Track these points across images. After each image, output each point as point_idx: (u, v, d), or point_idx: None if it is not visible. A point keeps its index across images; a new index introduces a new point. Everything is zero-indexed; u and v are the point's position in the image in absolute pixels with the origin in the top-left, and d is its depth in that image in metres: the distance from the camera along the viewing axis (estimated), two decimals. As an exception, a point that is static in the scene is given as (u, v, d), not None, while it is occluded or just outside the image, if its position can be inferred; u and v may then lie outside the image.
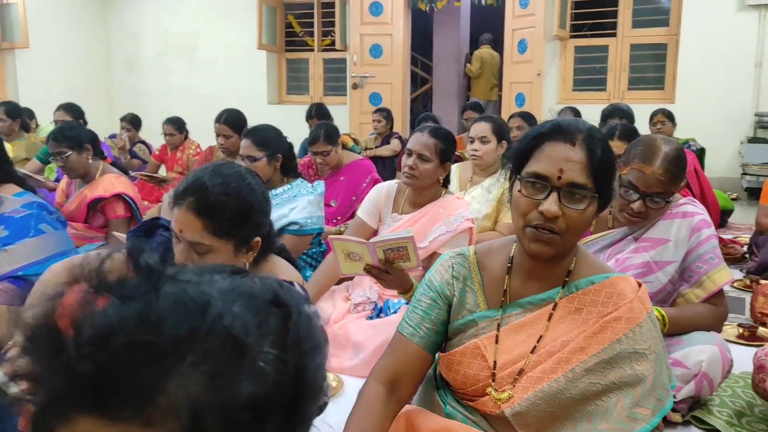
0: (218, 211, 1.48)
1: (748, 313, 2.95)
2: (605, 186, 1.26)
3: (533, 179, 1.25)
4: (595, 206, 1.27)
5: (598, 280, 1.31)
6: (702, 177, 4.05)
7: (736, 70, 6.56)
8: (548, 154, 1.25)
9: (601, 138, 1.27)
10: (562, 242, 1.26)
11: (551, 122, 1.30)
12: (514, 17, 7.43)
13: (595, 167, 1.23)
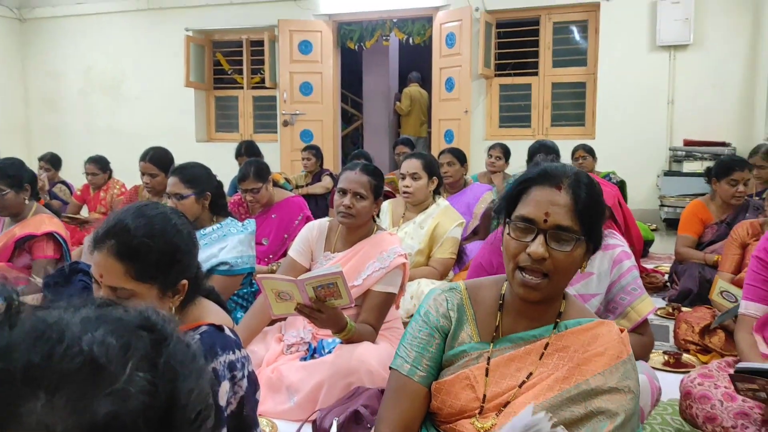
0: (142, 255, 1.41)
1: (672, 340, 3.05)
2: (593, 228, 1.31)
3: (521, 222, 1.30)
4: (583, 249, 1.31)
5: (586, 322, 1.36)
6: (625, 209, 4.18)
7: (650, 106, 6.91)
8: (534, 198, 1.30)
9: (587, 182, 1.32)
10: (550, 284, 1.30)
11: (538, 168, 1.36)
12: (441, 56, 7.62)
13: (581, 210, 1.28)
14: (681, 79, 6.80)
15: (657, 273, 4.28)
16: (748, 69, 6.61)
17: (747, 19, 6.55)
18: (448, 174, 4.56)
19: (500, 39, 7.67)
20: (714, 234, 3.86)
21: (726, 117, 6.71)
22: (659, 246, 5.49)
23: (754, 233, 3.17)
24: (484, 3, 7.34)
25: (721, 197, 3.86)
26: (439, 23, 7.59)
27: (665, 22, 6.69)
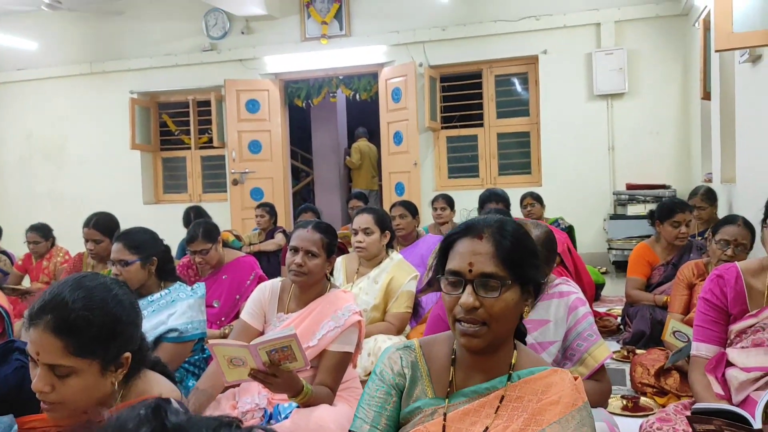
0: (80, 329, 1.35)
1: (629, 383, 3.06)
2: (524, 271, 1.33)
3: (450, 276, 1.33)
4: (516, 292, 1.32)
5: (538, 371, 1.37)
6: (575, 254, 4.26)
7: (592, 153, 7.13)
8: (459, 250, 1.34)
9: (512, 229, 1.35)
10: (491, 332, 1.30)
11: (463, 223, 1.40)
12: (388, 111, 7.75)
13: (504, 255, 1.31)
14: (619, 126, 7.06)
15: (610, 316, 4.33)
16: (682, 114, 6.92)
17: (677, 68, 6.89)
18: (401, 227, 4.58)
19: (445, 92, 7.86)
20: (661, 275, 3.94)
21: (664, 161, 6.98)
22: (610, 289, 5.58)
23: (699, 273, 3.25)
24: (428, 58, 7.54)
25: (665, 239, 3.96)
26: (384, 79, 7.75)
27: (601, 72, 6.97)
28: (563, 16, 7.12)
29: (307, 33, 7.91)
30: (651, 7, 6.88)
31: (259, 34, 8.12)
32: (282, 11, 7.97)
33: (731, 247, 3.04)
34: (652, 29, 6.93)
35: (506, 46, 7.36)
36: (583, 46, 7.10)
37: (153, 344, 2.65)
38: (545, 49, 7.22)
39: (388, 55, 7.75)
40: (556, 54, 7.19)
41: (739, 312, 2.06)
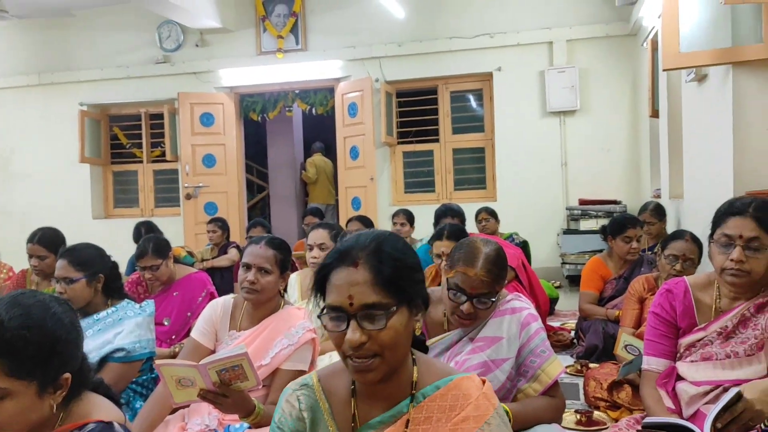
0: (17, 348, 1.28)
1: (583, 398, 3.08)
2: (409, 290, 1.24)
3: (331, 312, 1.23)
4: (404, 315, 1.23)
5: (443, 384, 1.29)
6: (529, 270, 4.30)
7: (546, 169, 7.25)
8: (335, 283, 1.23)
9: (389, 249, 1.24)
10: (385, 362, 1.21)
11: (334, 249, 1.28)
12: (344, 125, 7.74)
13: (385, 281, 1.21)
14: (572, 143, 7.20)
15: (563, 330, 4.38)
16: (632, 132, 7.10)
17: (627, 86, 7.08)
18: (357, 242, 4.54)
19: (401, 108, 7.90)
20: (613, 289, 4.01)
21: (615, 176, 7.14)
22: (564, 303, 5.65)
23: (649, 288, 3.31)
24: (384, 74, 7.57)
25: (617, 254, 4.03)
26: (340, 94, 7.74)
27: (553, 90, 7.11)
28: (517, 34, 7.25)
29: (263, 47, 7.87)
30: (601, 27, 7.06)
31: (214, 47, 8.04)
32: (237, 24, 7.91)
33: (680, 262, 3.11)
34: (602, 48, 7.11)
35: (461, 62, 7.45)
36: (537, 64, 7.23)
37: (99, 364, 2.56)
38: (499, 66, 7.33)
39: (344, 70, 7.75)
40: (510, 71, 7.31)
41: (688, 326, 2.09)
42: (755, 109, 3.43)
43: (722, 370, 1.98)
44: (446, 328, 2.20)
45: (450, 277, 2.06)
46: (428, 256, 4.45)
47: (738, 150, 3.48)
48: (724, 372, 1.98)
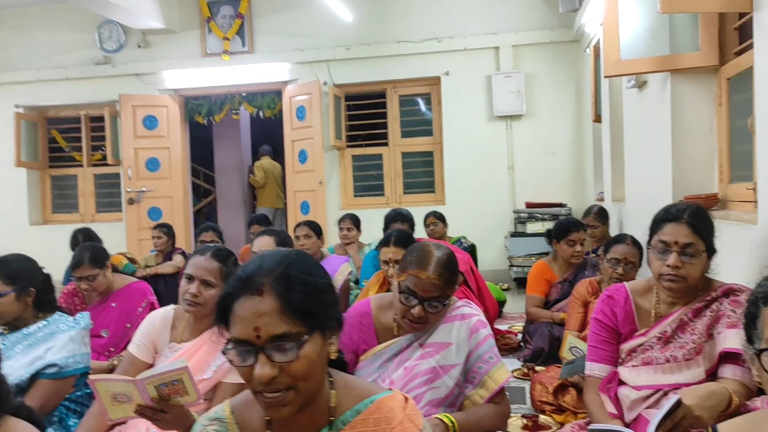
0: None
1: (529, 402, 3.10)
2: (323, 315, 1.16)
3: (238, 346, 1.12)
4: (318, 341, 1.15)
5: (364, 408, 1.22)
6: (477, 274, 4.31)
7: (493, 172, 7.34)
8: (239, 314, 1.12)
9: (297, 272, 1.16)
10: (300, 394, 1.13)
11: (236, 276, 1.18)
12: (292, 129, 7.66)
13: (294, 308, 1.12)
14: (518, 147, 7.30)
15: (511, 334, 4.41)
16: (576, 136, 7.24)
17: (571, 91, 7.22)
18: (305, 247, 4.50)
19: (350, 111, 7.87)
20: (559, 292, 4.06)
21: (560, 180, 7.27)
22: (512, 305, 5.70)
23: (593, 291, 3.36)
24: (332, 77, 7.53)
25: (562, 257, 4.09)
26: (288, 97, 7.66)
27: (500, 94, 7.20)
28: (464, 39, 7.30)
29: (208, 48, 7.72)
30: (546, 33, 7.18)
31: (157, 48, 7.85)
32: (182, 26, 7.74)
33: (621, 265, 3.16)
34: (547, 54, 7.23)
35: (410, 66, 7.47)
36: (484, 69, 7.31)
37: (29, 381, 2.44)
38: (447, 71, 7.37)
39: (292, 72, 7.68)
40: (457, 75, 7.37)
41: (629, 331, 2.12)
42: (692, 116, 3.52)
43: (662, 374, 2.01)
44: (396, 333, 2.17)
45: (401, 281, 2.04)
46: (377, 262, 4.43)
47: (676, 155, 3.57)
48: (664, 376, 2.01)
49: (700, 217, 2.01)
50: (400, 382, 2.06)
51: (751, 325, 1.11)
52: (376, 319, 2.18)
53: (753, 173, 2.82)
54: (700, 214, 2.01)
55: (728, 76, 3.28)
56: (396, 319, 2.14)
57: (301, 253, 1.25)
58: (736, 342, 1.89)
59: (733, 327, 1.92)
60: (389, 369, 2.11)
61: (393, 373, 2.09)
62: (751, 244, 2.47)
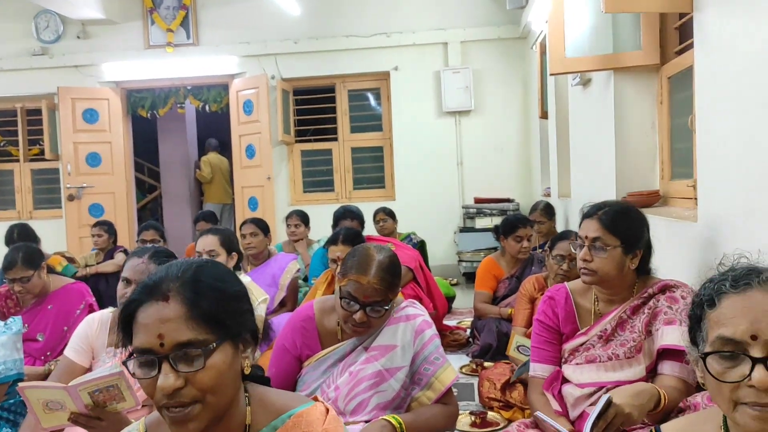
0: None
1: (477, 398, 3.11)
2: (234, 323, 1.09)
3: (140, 356, 1.05)
4: (229, 349, 1.08)
5: (281, 423, 1.16)
6: (426, 272, 4.32)
7: (443, 168, 7.36)
8: (143, 321, 1.05)
9: (208, 277, 1.10)
10: (208, 408, 1.05)
11: (141, 283, 1.11)
12: (239, 123, 7.52)
13: (202, 314, 1.05)
14: (467, 142, 7.34)
15: (459, 329, 4.43)
16: (523, 132, 7.33)
17: (518, 87, 7.29)
18: (252, 245, 4.42)
19: (298, 106, 7.77)
20: (506, 288, 4.09)
21: (508, 176, 7.35)
22: (461, 300, 5.73)
23: (539, 287, 3.39)
24: (280, 71, 7.42)
25: (509, 253, 4.13)
26: (235, 90, 7.52)
27: (449, 90, 7.22)
28: (413, 34, 7.29)
29: (151, 40, 7.50)
30: (493, 29, 7.23)
31: (98, 39, 7.58)
32: (123, 16, 7.49)
33: (566, 262, 3.20)
34: (494, 50, 7.29)
35: (358, 61, 7.42)
36: (432, 64, 7.32)
37: (-44, 391, 2.32)
38: (396, 66, 7.36)
39: (239, 66, 7.53)
40: (406, 71, 7.36)
41: (571, 331, 2.14)
42: (635, 114, 3.59)
43: (605, 372, 2.04)
44: (340, 337, 2.14)
45: (343, 285, 2.00)
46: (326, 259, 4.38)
47: (620, 152, 3.63)
48: (606, 374, 2.03)
49: (616, 213, 2.06)
50: (346, 387, 2.03)
51: (696, 327, 1.11)
52: (320, 324, 2.14)
53: (693, 171, 2.89)
54: (613, 211, 2.06)
55: (669, 75, 3.35)
56: (340, 323, 2.11)
57: (213, 262, 1.20)
58: (673, 338, 1.93)
59: (670, 324, 1.96)
60: (334, 374, 2.07)
61: (338, 379, 2.05)
62: (691, 241, 2.52)
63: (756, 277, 1.05)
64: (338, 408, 2.04)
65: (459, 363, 3.74)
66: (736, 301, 1.04)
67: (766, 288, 1.04)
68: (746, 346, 1.01)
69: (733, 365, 1.02)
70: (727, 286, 1.06)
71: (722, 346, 1.03)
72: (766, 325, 1.00)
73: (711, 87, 2.35)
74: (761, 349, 1.00)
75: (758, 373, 0.98)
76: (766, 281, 1.04)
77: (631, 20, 3.42)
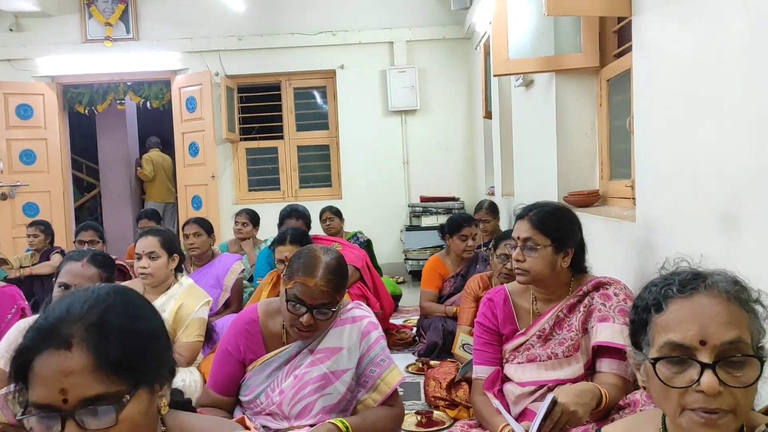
0: None
1: (423, 397, 3.12)
2: (150, 366, 0.99)
3: (36, 410, 0.91)
4: (144, 398, 0.97)
5: None
6: (373, 271, 4.32)
7: (389, 167, 7.38)
8: (41, 373, 0.91)
9: (116, 317, 0.97)
10: None
11: (35, 325, 0.97)
12: (182, 121, 7.36)
13: (113, 363, 0.93)
14: (413, 141, 7.38)
15: (406, 328, 4.45)
16: (468, 132, 7.41)
17: (463, 87, 7.37)
18: (195, 245, 4.34)
19: (243, 103, 7.66)
20: (452, 287, 4.13)
21: (454, 175, 7.43)
22: (408, 298, 5.76)
23: (484, 286, 3.43)
24: (224, 68, 7.29)
25: (454, 252, 4.16)
26: (177, 87, 7.35)
27: (395, 89, 7.24)
28: (359, 33, 7.28)
29: (89, 34, 7.26)
30: (438, 29, 7.28)
31: (32, 32, 7.29)
32: (59, 9, 7.22)
33: (510, 261, 3.24)
34: (440, 50, 7.34)
35: (304, 59, 7.36)
36: (378, 63, 7.32)
37: None
38: (342, 64, 7.33)
39: (181, 62, 7.36)
40: (353, 69, 7.34)
41: (510, 331, 2.18)
42: (575, 115, 3.67)
43: (545, 371, 2.08)
44: (285, 341, 2.10)
45: (289, 288, 1.96)
46: (272, 260, 4.33)
47: (561, 152, 3.71)
48: (547, 373, 2.07)
49: (546, 214, 2.11)
50: (291, 390, 2.00)
51: (641, 331, 1.10)
52: (264, 326, 2.10)
53: (631, 171, 2.97)
54: (543, 212, 2.11)
55: (608, 78, 3.44)
56: (285, 326, 2.08)
57: (123, 292, 1.04)
58: (607, 335, 1.97)
59: (604, 321, 2.00)
60: (279, 378, 2.04)
61: (282, 382, 2.03)
62: (630, 240, 2.59)
63: (702, 282, 1.06)
64: (283, 412, 2.01)
65: (405, 362, 3.75)
66: (684, 305, 1.04)
67: (713, 293, 1.04)
68: (694, 351, 1.01)
69: (681, 370, 1.02)
70: (674, 290, 1.06)
71: (671, 351, 1.03)
72: (714, 330, 1.00)
73: (648, 90, 2.42)
74: (709, 354, 1.00)
75: (707, 379, 0.99)
76: (712, 286, 1.05)
77: (572, 23, 3.50)
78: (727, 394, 0.99)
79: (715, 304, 1.03)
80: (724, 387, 0.99)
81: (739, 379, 1.00)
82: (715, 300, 1.03)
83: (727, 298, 1.04)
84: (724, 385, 0.99)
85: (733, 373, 1.00)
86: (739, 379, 1.00)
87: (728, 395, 0.99)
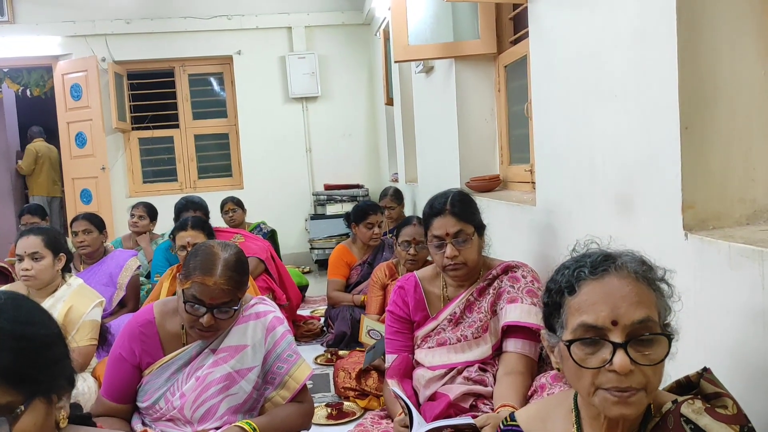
0: None
1: (333, 389, 3.08)
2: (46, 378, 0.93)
3: None
4: (41, 409, 0.92)
5: None
6: (279, 262, 4.22)
7: (292, 155, 7.26)
8: None
9: (7, 323, 0.91)
10: None
11: None
12: (67, 110, 6.91)
13: (5, 373, 0.88)
14: (315, 129, 7.29)
15: (313, 319, 4.39)
16: (370, 118, 7.39)
17: (364, 74, 7.33)
18: (85, 243, 4.06)
19: (134, 91, 7.28)
20: (359, 275, 4.10)
21: (357, 162, 7.40)
22: (314, 288, 5.69)
23: (390, 274, 3.42)
24: (111, 53, 6.90)
25: (360, 240, 4.13)
26: (60, 74, 6.89)
27: (295, 76, 7.11)
28: (255, 18, 7.08)
29: (-43, 16, 6.66)
30: (337, 15, 7.20)
31: None
32: None
33: (412, 246, 3.23)
34: (339, 36, 7.27)
35: (198, 44, 7.09)
36: (277, 49, 7.16)
37: None
38: (239, 50, 7.12)
39: (63, 47, 6.89)
40: (250, 55, 7.14)
41: (422, 318, 2.18)
42: (475, 101, 3.71)
43: (455, 353, 2.09)
44: (184, 341, 1.99)
45: (186, 288, 1.84)
46: (170, 255, 4.14)
47: (462, 138, 3.75)
48: (456, 355, 2.09)
49: (461, 202, 2.13)
50: (192, 393, 1.89)
51: (554, 314, 1.11)
52: (161, 327, 1.97)
53: (530, 156, 3.04)
54: (460, 201, 2.14)
55: (506, 64, 3.50)
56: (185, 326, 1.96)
57: (15, 297, 0.98)
58: (515, 315, 2.02)
59: (513, 302, 2.05)
60: (179, 381, 1.93)
61: (183, 385, 1.91)
62: (531, 224, 2.64)
63: (612, 263, 1.07)
64: (185, 416, 1.90)
65: (314, 353, 3.70)
66: (596, 287, 1.06)
67: (623, 273, 1.06)
68: (607, 331, 1.03)
69: (594, 351, 1.04)
70: (586, 272, 1.07)
71: (584, 333, 1.04)
72: (625, 310, 1.02)
73: (544, 76, 2.46)
74: (621, 334, 1.02)
75: (619, 358, 1.00)
76: (622, 267, 1.07)
77: (470, 10, 3.52)
78: (638, 372, 1.01)
79: (625, 284, 1.05)
80: (635, 365, 1.01)
81: (648, 357, 1.02)
82: (624, 281, 1.05)
83: (636, 278, 1.06)
84: (635, 364, 1.00)
85: (643, 351, 1.02)
86: (649, 357, 1.02)
87: (639, 373, 1.01)
